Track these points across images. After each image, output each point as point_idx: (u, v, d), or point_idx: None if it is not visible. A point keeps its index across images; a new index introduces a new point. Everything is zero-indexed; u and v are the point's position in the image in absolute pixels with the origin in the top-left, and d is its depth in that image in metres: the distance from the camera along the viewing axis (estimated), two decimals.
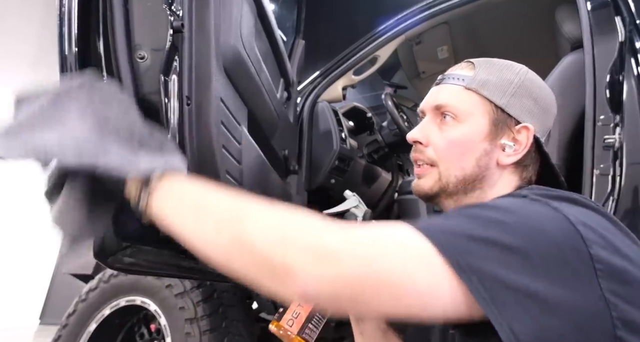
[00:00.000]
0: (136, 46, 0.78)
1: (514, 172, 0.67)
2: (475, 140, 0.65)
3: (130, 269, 0.80)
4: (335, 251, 0.43)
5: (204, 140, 0.83)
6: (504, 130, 0.65)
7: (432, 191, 0.68)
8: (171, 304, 1.50)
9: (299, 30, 1.81)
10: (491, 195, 0.65)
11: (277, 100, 1.33)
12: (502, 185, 0.66)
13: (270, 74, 1.25)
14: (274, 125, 1.30)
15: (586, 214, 0.51)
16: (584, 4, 1.22)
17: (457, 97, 0.67)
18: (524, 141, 0.65)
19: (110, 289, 1.64)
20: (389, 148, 1.92)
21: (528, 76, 0.68)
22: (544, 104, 0.67)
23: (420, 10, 1.73)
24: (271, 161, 1.21)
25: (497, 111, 0.65)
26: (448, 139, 0.66)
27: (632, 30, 1.14)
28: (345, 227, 0.46)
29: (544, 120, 0.67)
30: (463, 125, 0.66)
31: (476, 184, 0.66)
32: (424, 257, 0.44)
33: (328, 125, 1.69)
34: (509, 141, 0.65)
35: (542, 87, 0.68)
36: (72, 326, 1.65)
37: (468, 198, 0.66)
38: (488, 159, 0.65)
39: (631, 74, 1.10)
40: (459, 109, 0.66)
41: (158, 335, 1.64)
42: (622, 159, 1.03)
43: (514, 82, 0.66)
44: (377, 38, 1.80)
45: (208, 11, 0.87)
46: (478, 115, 0.65)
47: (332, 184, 1.70)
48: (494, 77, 0.66)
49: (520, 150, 0.65)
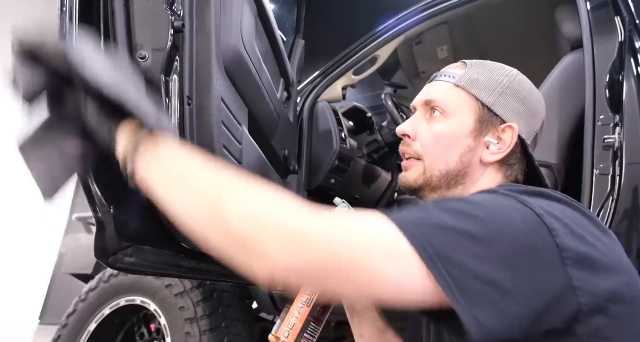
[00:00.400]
0: (137, 46, 0.78)
1: (497, 170, 0.68)
2: (460, 136, 0.67)
3: (132, 269, 0.80)
4: (306, 235, 0.45)
5: (205, 140, 0.83)
6: (489, 129, 0.67)
7: (417, 183, 0.70)
8: (171, 304, 1.50)
9: (299, 30, 1.81)
10: (473, 191, 0.67)
11: (278, 100, 1.33)
12: (484, 182, 0.68)
13: (271, 74, 1.25)
14: (274, 126, 1.30)
15: (553, 206, 0.52)
16: (584, 4, 1.22)
17: (446, 94, 0.69)
18: (508, 140, 0.66)
19: (110, 289, 1.64)
20: (389, 148, 1.92)
21: (518, 79, 0.69)
22: (531, 107, 0.69)
23: (420, 10, 1.73)
24: (271, 161, 1.21)
25: (484, 109, 0.67)
26: (434, 133, 0.69)
27: (632, 30, 1.14)
28: (320, 213, 0.47)
29: (530, 123, 0.69)
30: (450, 121, 0.68)
31: (459, 180, 0.68)
32: (393, 245, 0.45)
33: (328, 125, 1.69)
34: (493, 139, 0.67)
35: (531, 91, 0.70)
36: (72, 326, 1.65)
37: (450, 193, 0.68)
38: (472, 155, 0.67)
39: (631, 74, 1.10)
40: (446, 104, 0.68)
41: (158, 335, 1.64)
42: (622, 159, 1.03)
43: (503, 82, 0.68)
44: (377, 38, 1.80)
45: (209, 11, 0.87)
46: (465, 112, 0.68)
47: (332, 184, 1.70)
48: (483, 77, 0.69)
49: (504, 149, 0.66)
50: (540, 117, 0.71)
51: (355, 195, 1.87)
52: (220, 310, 1.51)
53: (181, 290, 1.51)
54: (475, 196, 0.56)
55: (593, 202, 1.03)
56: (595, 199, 1.03)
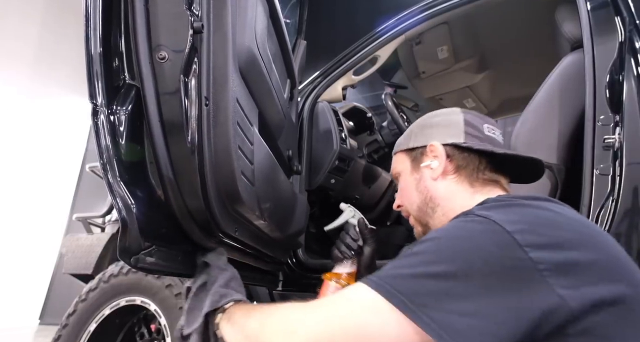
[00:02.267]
0: (157, 47, 0.78)
1: (456, 179, 0.79)
2: (408, 180, 0.87)
3: (152, 269, 0.80)
4: (301, 322, 0.56)
5: (222, 141, 0.84)
6: (420, 159, 0.84)
7: (419, 230, 0.87)
8: (171, 304, 1.50)
9: (300, 30, 1.81)
10: (450, 206, 0.78)
11: (284, 100, 1.33)
12: (456, 194, 0.78)
13: (279, 75, 1.25)
14: (281, 126, 1.30)
15: (522, 213, 0.55)
16: (584, 4, 1.22)
17: (394, 163, 0.92)
18: (439, 154, 0.80)
19: (110, 289, 1.64)
20: (389, 148, 1.92)
21: (427, 116, 0.89)
22: (439, 122, 0.84)
23: (420, 10, 1.73)
24: (278, 161, 1.22)
25: (410, 152, 0.88)
26: (400, 191, 0.89)
27: (632, 30, 1.14)
28: (311, 302, 0.59)
29: (446, 132, 0.82)
30: (401, 177, 0.89)
31: (430, 205, 0.81)
32: (371, 305, 0.52)
33: (328, 125, 1.69)
34: (427, 161, 0.82)
35: (435, 115, 0.87)
36: (72, 326, 1.65)
37: (437, 219, 0.80)
38: (423, 183, 0.82)
39: (631, 74, 1.10)
40: (396, 170, 0.91)
41: (158, 335, 1.64)
42: (622, 159, 1.03)
43: (413, 129, 0.89)
44: (377, 38, 1.80)
45: (226, 12, 0.87)
46: (403, 164, 0.88)
47: (332, 184, 1.70)
48: (403, 136, 0.92)
49: (442, 161, 0.80)
50: (454, 121, 0.82)
51: (355, 195, 1.87)
52: None
53: (181, 290, 1.51)
54: (442, 228, 0.60)
55: (593, 202, 1.03)
56: (595, 199, 1.03)
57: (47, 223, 5.12)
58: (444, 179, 0.79)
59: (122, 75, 0.77)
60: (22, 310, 4.91)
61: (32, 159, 4.94)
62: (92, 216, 2.07)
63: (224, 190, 0.86)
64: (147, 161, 0.79)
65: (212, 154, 0.83)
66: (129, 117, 0.76)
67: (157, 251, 0.80)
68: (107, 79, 0.74)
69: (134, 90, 0.77)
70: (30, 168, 4.93)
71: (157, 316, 1.53)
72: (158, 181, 0.80)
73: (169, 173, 0.80)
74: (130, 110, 0.76)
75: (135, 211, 0.74)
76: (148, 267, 0.79)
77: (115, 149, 0.74)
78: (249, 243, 1.04)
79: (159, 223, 0.82)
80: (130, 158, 0.77)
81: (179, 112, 0.79)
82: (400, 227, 1.83)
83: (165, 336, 1.48)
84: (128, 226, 0.74)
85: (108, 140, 0.73)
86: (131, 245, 0.75)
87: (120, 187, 0.73)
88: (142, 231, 0.75)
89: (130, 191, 0.75)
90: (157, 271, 0.82)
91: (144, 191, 0.78)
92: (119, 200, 0.74)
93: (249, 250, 1.09)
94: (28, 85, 4.96)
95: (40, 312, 5.13)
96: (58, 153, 5.31)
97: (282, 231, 1.16)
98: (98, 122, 0.73)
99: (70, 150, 5.51)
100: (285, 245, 1.43)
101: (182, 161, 0.81)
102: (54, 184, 5.23)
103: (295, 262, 1.58)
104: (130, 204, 0.74)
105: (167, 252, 0.83)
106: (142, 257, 0.77)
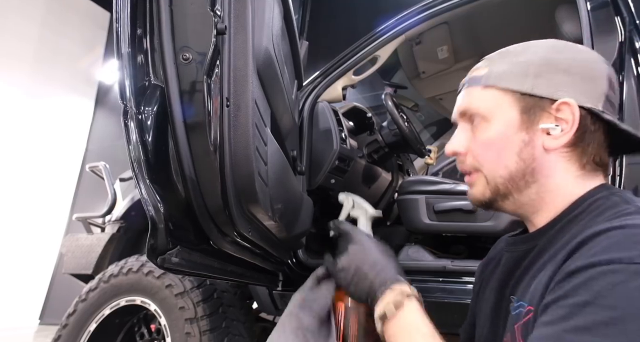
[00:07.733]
0: (181, 48, 0.79)
1: (568, 158, 0.61)
2: (508, 134, 0.62)
3: (175, 269, 0.82)
4: None
5: (241, 141, 0.84)
6: (539, 115, 0.60)
7: (485, 196, 0.65)
8: (171, 304, 1.50)
9: (302, 31, 1.81)
10: (550, 187, 0.61)
11: (292, 101, 1.33)
12: (560, 173, 0.61)
13: (289, 75, 1.26)
14: (289, 127, 1.31)
15: None
16: (584, 4, 1.22)
17: (477, 98, 0.65)
18: (569, 118, 0.58)
19: (110, 289, 1.64)
20: (389, 148, 1.92)
21: (552, 49, 0.62)
22: (580, 72, 0.60)
23: (420, 10, 1.73)
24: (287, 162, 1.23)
25: (524, 98, 0.61)
26: (481, 141, 0.64)
27: (632, 30, 1.14)
28: None
29: (586, 89, 0.60)
30: (492, 124, 0.63)
31: (528, 179, 0.61)
32: None
33: (328, 125, 1.69)
34: (549, 123, 0.60)
35: (572, 55, 0.62)
36: (72, 326, 1.65)
37: (525, 196, 0.62)
38: (531, 149, 0.61)
39: (631, 74, 1.10)
40: (482, 109, 0.64)
41: (158, 335, 1.64)
42: (622, 159, 1.03)
43: (534, 61, 0.61)
44: (377, 38, 1.80)
45: (247, 13, 0.87)
46: (505, 109, 0.62)
47: (332, 184, 1.70)
48: (509, 66, 0.63)
49: (569, 129, 0.59)
50: (597, 76, 0.61)
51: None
52: (220, 310, 1.51)
53: (181, 290, 1.51)
54: (607, 286, 0.44)
55: None
56: None
57: (47, 223, 5.12)
58: (555, 152, 0.60)
59: (148, 76, 0.77)
60: (22, 310, 4.92)
61: (32, 159, 4.94)
62: (92, 216, 2.07)
63: (241, 190, 0.86)
64: (171, 161, 0.80)
65: (231, 155, 0.83)
66: (154, 117, 0.77)
67: (180, 252, 0.81)
68: (135, 79, 0.76)
69: (159, 91, 0.78)
70: (31, 168, 4.93)
71: (157, 316, 1.53)
72: (181, 181, 0.81)
73: (192, 173, 0.81)
74: (156, 111, 0.77)
75: (163, 211, 0.75)
76: (173, 268, 0.81)
77: (143, 148, 0.75)
78: (259, 243, 1.04)
79: (182, 223, 0.83)
80: (156, 157, 0.78)
81: (201, 112, 0.79)
82: (400, 227, 1.83)
83: (165, 336, 1.48)
84: (157, 226, 0.74)
85: (137, 140, 0.75)
86: (159, 245, 0.75)
87: (149, 186, 0.74)
88: (169, 231, 0.76)
89: (156, 190, 0.76)
90: (181, 271, 0.83)
91: (168, 190, 0.79)
92: (148, 199, 0.74)
93: (258, 250, 1.09)
94: (28, 85, 4.97)
95: (40, 312, 5.14)
96: (58, 153, 5.32)
97: (289, 231, 1.17)
98: (127, 122, 0.76)
99: (70, 150, 5.51)
100: (290, 245, 1.43)
101: (203, 161, 0.81)
102: (54, 184, 5.24)
103: (295, 262, 1.58)
104: (157, 204, 0.74)
105: (189, 253, 0.84)
106: (168, 257, 0.78)
